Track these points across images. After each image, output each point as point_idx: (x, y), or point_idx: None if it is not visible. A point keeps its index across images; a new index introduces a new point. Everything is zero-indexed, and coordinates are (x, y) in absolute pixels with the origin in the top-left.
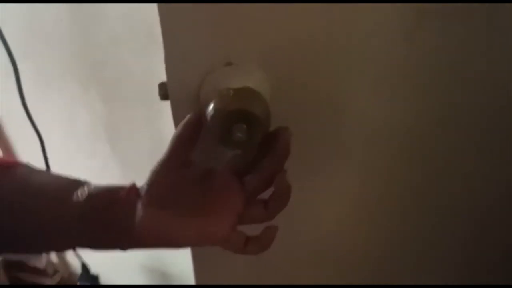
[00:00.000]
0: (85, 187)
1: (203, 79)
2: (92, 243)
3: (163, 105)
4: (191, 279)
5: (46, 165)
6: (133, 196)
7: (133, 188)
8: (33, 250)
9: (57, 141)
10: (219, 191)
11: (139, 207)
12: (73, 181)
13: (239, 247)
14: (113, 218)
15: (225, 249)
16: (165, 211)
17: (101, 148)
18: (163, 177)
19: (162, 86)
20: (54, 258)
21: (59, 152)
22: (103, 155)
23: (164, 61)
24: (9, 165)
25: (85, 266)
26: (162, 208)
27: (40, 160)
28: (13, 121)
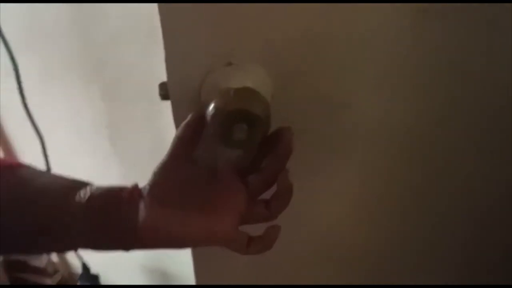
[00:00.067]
0: (87, 188)
1: (204, 79)
2: (94, 244)
3: (163, 105)
4: (191, 279)
5: (46, 164)
6: (136, 196)
7: (136, 188)
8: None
9: (57, 140)
10: (221, 191)
11: (141, 207)
12: (75, 182)
13: (242, 247)
14: (115, 218)
15: (228, 249)
16: (167, 211)
17: (101, 147)
18: (165, 178)
19: (162, 86)
20: (54, 257)
21: (59, 151)
22: (104, 154)
23: (164, 61)
24: (11, 166)
25: (85, 265)
26: (164, 208)
27: (40, 159)
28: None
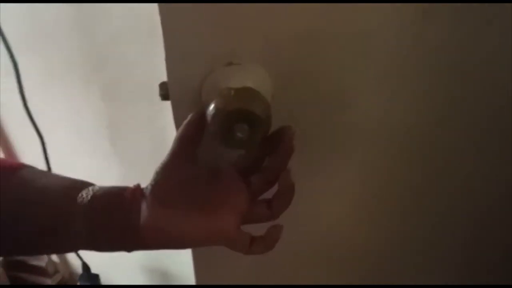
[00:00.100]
0: (90, 189)
1: (204, 79)
2: (96, 244)
3: (164, 104)
4: (191, 279)
5: (47, 164)
6: (138, 197)
7: (138, 189)
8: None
9: (57, 140)
10: (222, 190)
11: (143, 207)
12: (77, 182)
13: (244, 247)
14: (118, 219)
15: (230, 249)
16: (169, 211)
17: (101, 147)
18: (167, 178)
19: (162, 85)
20: (55, 257)
21: (59, 151)
22: (104, 154)
23: (165, 61)
24: (12, 167)
25: (85, 265)
26: (166, 208)
27: (40, 159)
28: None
